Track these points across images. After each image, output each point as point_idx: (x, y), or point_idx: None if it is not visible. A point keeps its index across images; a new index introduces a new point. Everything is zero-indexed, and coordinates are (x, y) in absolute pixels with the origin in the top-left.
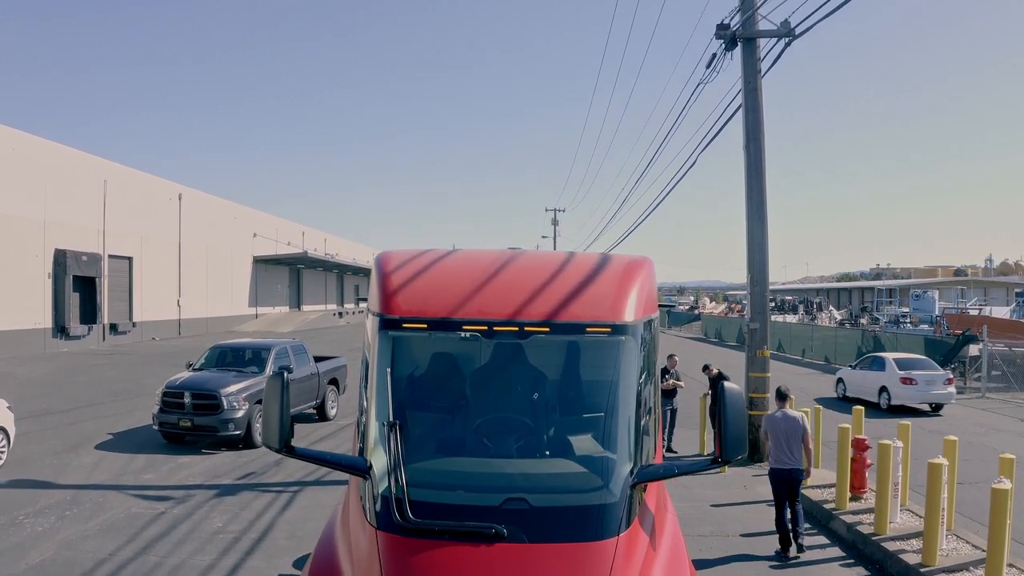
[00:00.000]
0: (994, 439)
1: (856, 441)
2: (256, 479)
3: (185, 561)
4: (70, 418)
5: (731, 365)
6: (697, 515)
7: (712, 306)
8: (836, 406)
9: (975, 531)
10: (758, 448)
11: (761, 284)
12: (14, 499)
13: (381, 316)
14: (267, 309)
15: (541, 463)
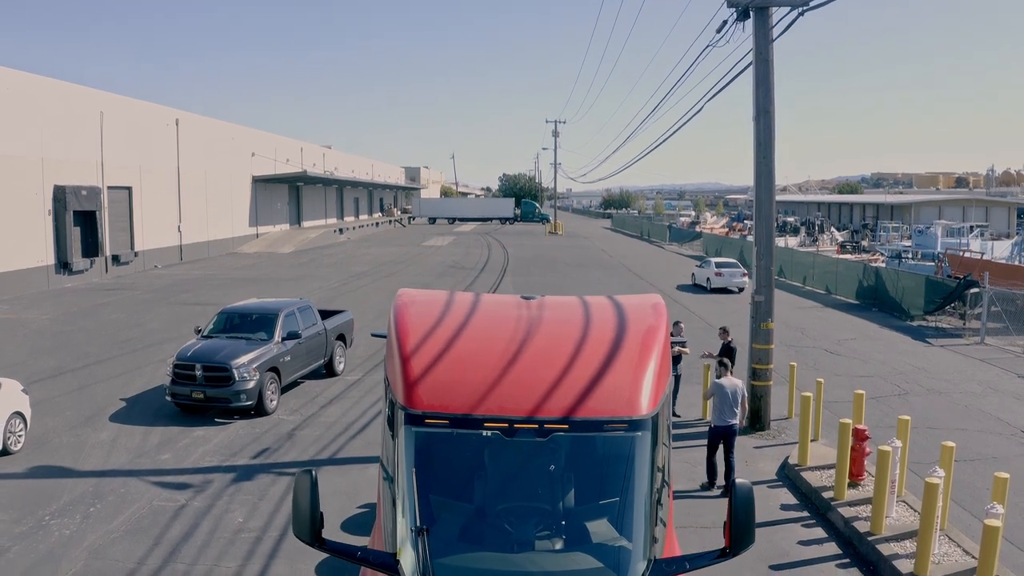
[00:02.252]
0: (992, 402)
1: (856, 431)
2: (271, 457)
3: (212, 570)
4: (81, 379)
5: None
6: (699, 500)
7: (713, 221)
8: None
9: (967, 527)
10: (759, 416)
11: (766, 258)
12: (37, 492)
13: (405, 411)
14: (267, 228)
15: (561, 560)
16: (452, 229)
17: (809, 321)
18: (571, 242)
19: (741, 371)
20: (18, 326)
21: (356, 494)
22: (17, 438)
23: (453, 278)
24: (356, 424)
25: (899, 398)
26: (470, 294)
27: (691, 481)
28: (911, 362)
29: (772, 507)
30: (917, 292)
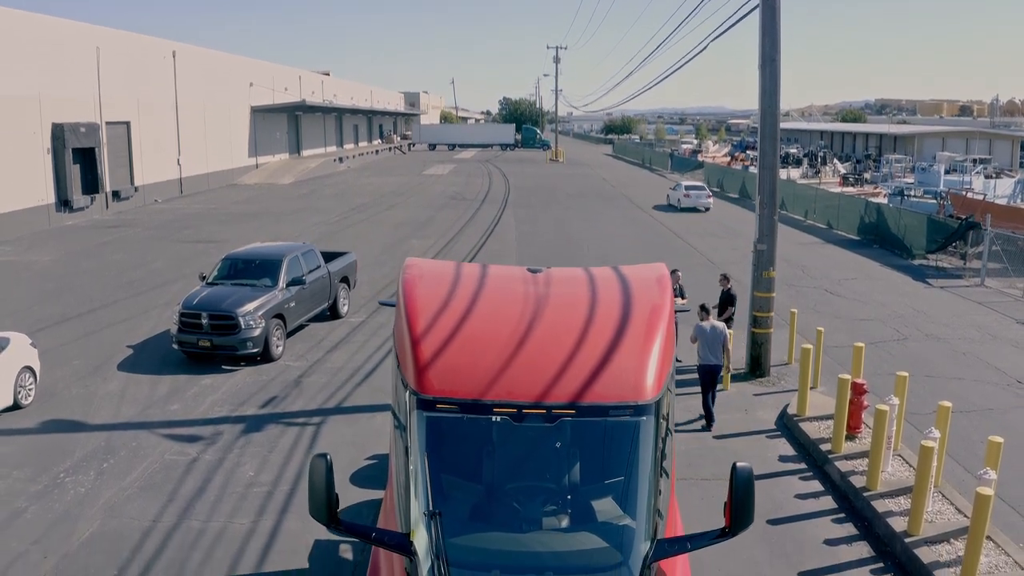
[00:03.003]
0: (989, 350)
1: (855, 385)
2: (279, 406)
3: (226, 527)
4: (87, 325)
5: (736, 232)
6: (700, 450)
7: (715, 150)
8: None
9: (961, 482)
10: (760, 363)
11: (769, 207)
12: (51, 448)
13: (417, 396)
14: (267, 158)
15: (567, 540)
16: (452, 156)
17: (810, 258)
18: (572, 170)
19: (742, 318)
20: (21, 269)
21: (364, 445)
22: (28, 392)
23: (454, 210)
24: (362, 370)
25: (898, 343)
26: (477, 266)
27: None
28: (911, 304)
29: (771, 458)
30: (919, 231)
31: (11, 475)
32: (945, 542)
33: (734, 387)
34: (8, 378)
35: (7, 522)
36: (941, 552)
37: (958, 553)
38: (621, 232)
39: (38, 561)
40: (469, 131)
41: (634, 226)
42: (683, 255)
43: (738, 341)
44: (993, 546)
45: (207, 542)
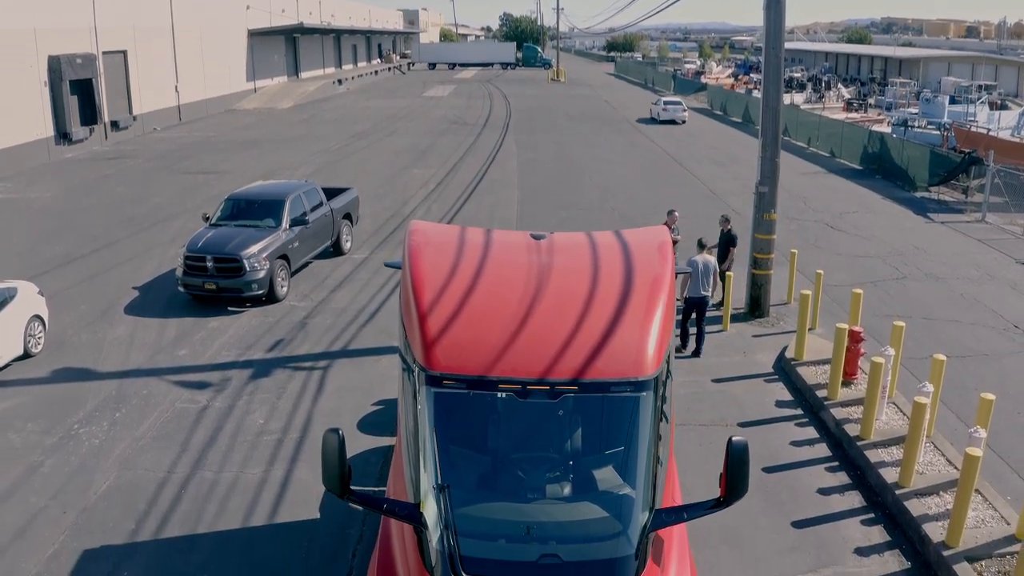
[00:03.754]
0: (988, 291)
1: (852, 333)
2: (286, 349)
3: (238, 477)
4: (91, 266)
5: (739, 159)
6: (698, 395)
7: (718, 71)
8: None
9: (953, 432)
10: (759, 304)
11: (772, 149)
12: (63, 398)
13: (425, 372)
14: (265, 82)
15: (570, 511)
16: (452, 76)
17: (812, 189)
18: (574, 91)
19: (743, 260)
20: (22, 206)
21: (370, 390)
22: (37, 341)
23: (455, 136)
24: (366, 310)
25: (897, 283)
26: (481, 232)
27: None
28: (911, 241)
29: (767, 403)
30: (921, 164)
31: (26, 428)
32: (935, 495)
33: (734, 328)
34: (17, 328)
35: (25, 477)
36: (930, 505)
37: (947, 506)
38: (623, 160)
39: (58, 516)
40: (469, 50)
41: (636, 152)
42: (684, 184)
43: (739, 282)
44: (981, 499)
45: (220, 493)
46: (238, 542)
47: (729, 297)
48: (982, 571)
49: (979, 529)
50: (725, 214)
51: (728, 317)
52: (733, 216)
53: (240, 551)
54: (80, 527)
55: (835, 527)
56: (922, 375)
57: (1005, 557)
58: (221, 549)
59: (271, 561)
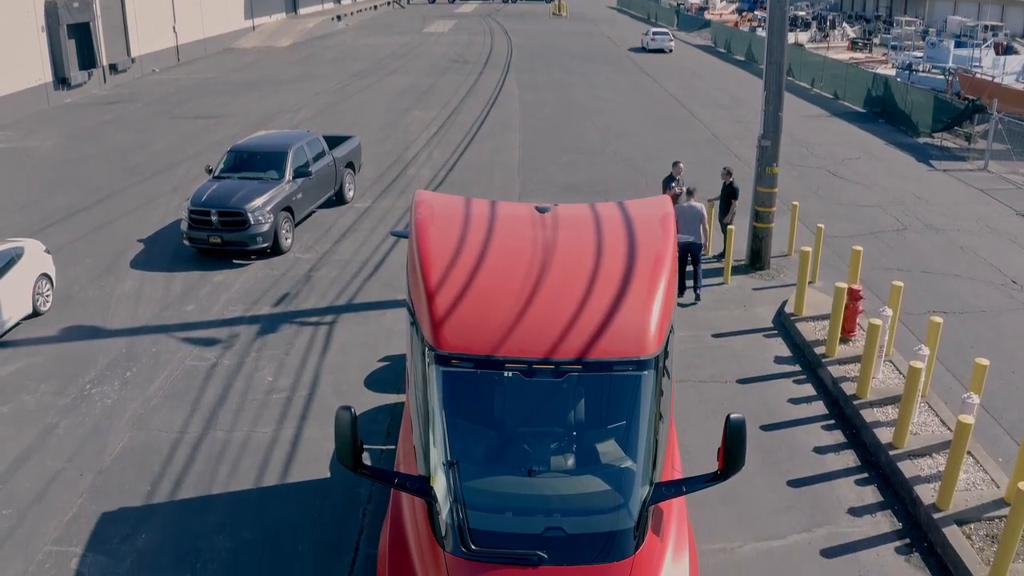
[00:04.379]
0: (987, 244)
1: (851, 291)
2: (292, 304)
3: (250, 436)
4: (95, 218)
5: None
6: (698, 350)
7: (723, 6)
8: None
9: (947, 391)
10: (760, 257)
11: (775, 103)
12: (73, 357)
13: (434, 351)
14: (263, 19)
15: (573, 484)
16: (452, 10)
17: (815, 134)
18: (576, 27)
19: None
20: (24, 156)
21: (376, 346)
22: (45, 299)
23: (456, 76)
24: (370, 262)
25: (897, 234)
26: (486, 204)
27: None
28: (912, 190)
29: (766, 359)
30: (925, 109)
31: (39, 389)
32: (927, 456)
33: (734, 280)
34: (26, 287)
35: (41, 439)
36: (923, 466)
37: (939, 468)
38: (625, 100)
39: (75, 479)
40: None
41: (638, 93)
42: (687, 127)
43: (740, 234)
44: (972, 462)
45: (233, 453)
46: (251, 502)
47: (730, 250)
48: (971, 534)
49: (970, 492)
50: (727, 167)
51: (729, 270)
52: (735, 161)
53: (254, 511)
54: (97, 489)
55: (830, 487)
56: (919, 332)
57: (993, 520)
58: (235, 510)
59: (284, 521)
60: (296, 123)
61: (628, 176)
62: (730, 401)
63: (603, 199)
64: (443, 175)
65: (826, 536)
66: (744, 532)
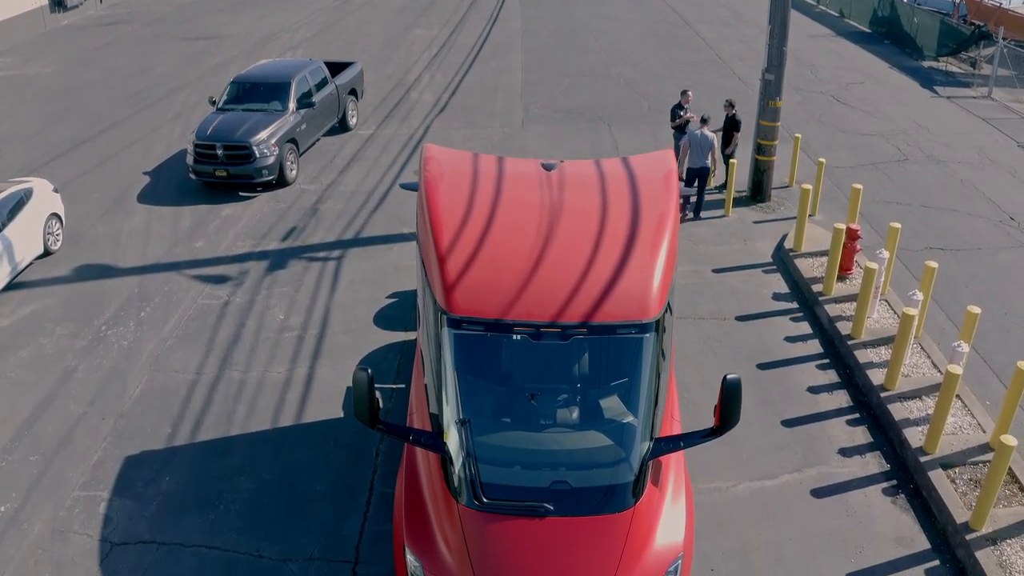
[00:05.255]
0: (987, 178)
1: (849, 231)
2: (299, 238)
3: (264, 376)
4: (99, 150)
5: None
6: (699, 286)
7: None
8: None
9: (940, 332)
10: (761, 189)
11: (779, 37)
12: (87, 297)
13: (446, 315)
14: None
15: (578, 439)
16: None
17: (819, 56)
18: None
19: (746, 145)
20: (24, 84)
21: (383, 282)
22: (56, 238)
23: None
24: (375, 193)
25: (898, 165)
26: (494, 160)
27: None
28: (915, 118)
29: (765, 296)
30: (931, 33)
31: (55, 331)
32: (917, 398)
33: (735, 213)
34: (36, 228)
35: (62, 383)
36: (912, 409)
37: (928, 411)
38: (628, 19)
39: (98, 423)
40: None
41: (641, 10)
42: (690, 48)
43: (742, 167)
44: (960, 406)
45: (249, 393)
46: (268, 443)
47: (732, 182)
48: (955, 478)
49: (956, 436)
50: (730, 99)
51: (730, 202)
52: (738, 84)
53: (271, 452)
54: (119, 433)
55: (822, 427)
56: (916, 269)
57: (978, 465)
58: (253, 451)
59: (301, 462)
60: (296, 43)
61: (631, 100)
62: (728, 338)
63: (606, 125)
64: (445, 99)
65: (816, 476)
66: (739, 472)
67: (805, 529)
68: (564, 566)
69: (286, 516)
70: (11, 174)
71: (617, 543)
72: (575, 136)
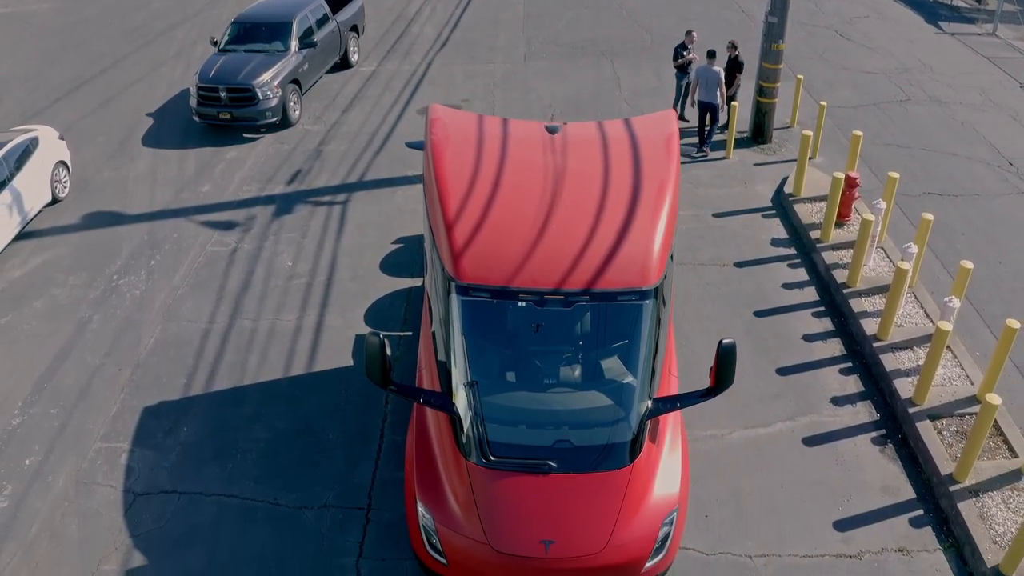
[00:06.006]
0: (988, 120)
1: (848, 178)
2: (303, 182)
3: (275, 324)
4: (101, 90)
5: None
6: (699, 231)
7: None
8: None
9: (935, 281)
10: (763, 131)
11: None
12: (98, 246)
13: (454, 282)
14: None
15: (580, 399)
16: None
17: None
18: None
19: (749, 84)
20: (22, 23)
21: (388, 226)
22: (63, 185)
23: None
24: (378, 134)
25: (900, 105)
26: (499, 123)
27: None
28: (919, 55)
29: (763, 241)
30: None
31: (67, 281)
32: (909, 349)
33: (736, 155)
34: (44, 177)
35: (78, 335)
36: (903, 359)
37: (919, 361)
38: None
39: (114, 374)
40: None
41: None
42: None
43: (744, 109)
44: (951, 357)
45: (260, 342)
46: (281, 393)
47: (733, 124)
48: (942, 429)
49: (945, 387)
50: (733, 40)
51: (732, 144)
52: (742, 18)
53: (284, 401)
54: (136, 384)
55: (815, 375)
56: (914, 215)
57: (965, 417)
58: (267, 400)
59: (313, 410)
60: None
61: (634, 33)
62: (727, 285)
63: (608, 60)
64: (446, 34)
65: (808, 424)
66: (734, 419)
67: (796, 477)
68: (566, 520)
69: (300, 464)
70: (13, 118)
71: (616, 498)
72: (577, 73)
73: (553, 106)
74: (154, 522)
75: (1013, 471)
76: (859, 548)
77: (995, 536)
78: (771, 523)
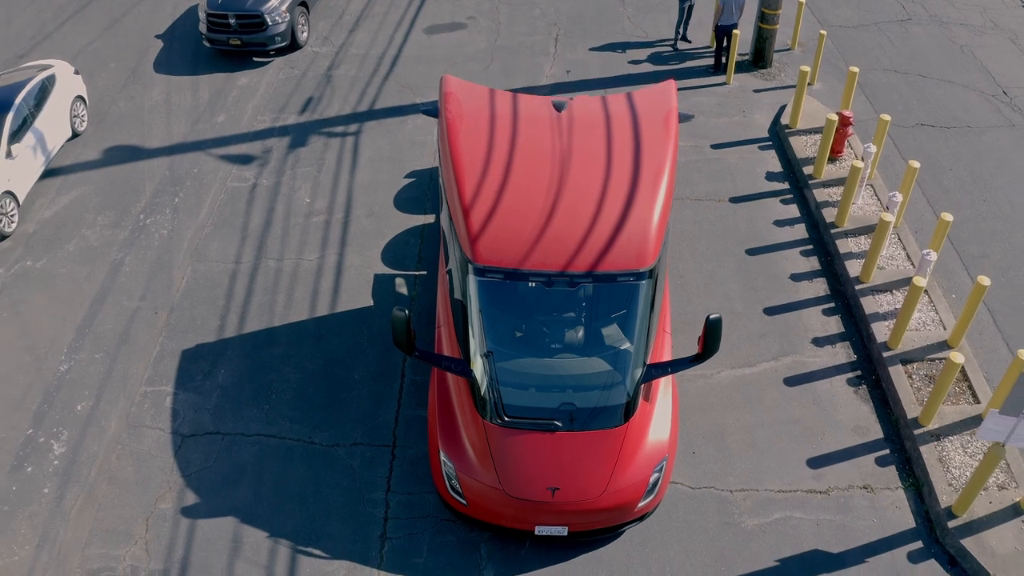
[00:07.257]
0: (987, 44)
1: (842, 117)
2: (316, 111)
3: (298, 264)
4: (107, 11)
5: None
6: (697, 164)
7: None
8: None
9: (919, 220)
10: (763, 56)
11: None
12: (121, 183)
13: (471, 264)
14: None
15: (583, 364)
16: None
17: None
18: None
19: (752, 8)
20: None
21: (401, 160)
22: (81, 120)
23: None
24: (386, 57)
25: (900, 26)
26: (508, 98)
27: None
28: None
29: (758, 175)
30: None
31: (96, 221)
32: (889, 292)
33: (736, 80)
34: (63, 113)
35: (112, 277)
36: (882, 303)
37: (897, 305)
38: None
39: (151, 317)
40: None
41: None
42: None
43: (745, 29)
44: (927, 300)
45: (285, 283)
46: (308, 333)
47: (734, 50)
48: (912, 372)
49: (918, 332)
50: None
51: (732, 69)
52: None
53: (312, 342)
54: (173, 327)
55: (799, 316)
56: (905, 148)
57: (935, 361)
58: (296, 341)
59: (338, 351)
60: None
61: None
62: (721, 221)
63: None
64: None
65: (790, 365)
66: (723, 360)
67: (775, 416)
68: (570, 471)
69: (330, 404)
70: (22, 43)
71: (613, 451)
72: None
73: (558, 24)
74: (202, 462)
75: (974, 416)
76: (828, 484)
77: (951, 479)
78: (751, 459)
